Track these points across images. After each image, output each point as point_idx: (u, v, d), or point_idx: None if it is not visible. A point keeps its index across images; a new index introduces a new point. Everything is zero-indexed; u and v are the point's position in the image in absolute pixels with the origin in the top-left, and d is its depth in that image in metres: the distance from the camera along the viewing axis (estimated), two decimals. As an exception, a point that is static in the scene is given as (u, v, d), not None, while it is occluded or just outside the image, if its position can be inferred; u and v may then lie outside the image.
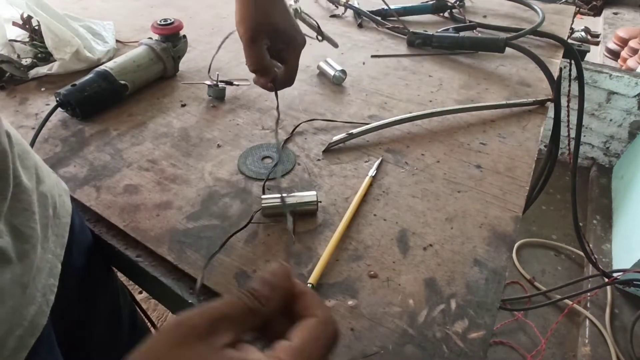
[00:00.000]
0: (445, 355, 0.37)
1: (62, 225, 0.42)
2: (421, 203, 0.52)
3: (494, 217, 0.50)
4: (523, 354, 1.36)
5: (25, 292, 0.35)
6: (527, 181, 0.55)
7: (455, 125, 0.66)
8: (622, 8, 2.74)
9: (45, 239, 0.39)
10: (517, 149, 0.61)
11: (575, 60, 0.83)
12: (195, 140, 0.61)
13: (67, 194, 0.46)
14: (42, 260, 0.38)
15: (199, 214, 0.50)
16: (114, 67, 0.66)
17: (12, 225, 0.34)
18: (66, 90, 0.62)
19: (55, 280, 0.40)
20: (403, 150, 0.60)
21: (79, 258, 0.46)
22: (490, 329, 0.39)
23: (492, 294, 0.42)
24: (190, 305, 0.41)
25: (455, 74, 0.80)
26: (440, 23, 1.01)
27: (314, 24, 0.81)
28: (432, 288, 0.42)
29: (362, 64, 0.83)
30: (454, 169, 0.57)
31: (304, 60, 0.85)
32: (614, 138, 2.03)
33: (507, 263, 0.45)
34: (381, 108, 0.69)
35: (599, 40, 2.44)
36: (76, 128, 0.63)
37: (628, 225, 1.59)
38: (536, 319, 1.46)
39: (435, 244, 0.47)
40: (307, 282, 0.41)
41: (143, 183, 0.54)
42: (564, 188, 1.98)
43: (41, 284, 0.37)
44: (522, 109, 0.69)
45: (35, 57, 0.76)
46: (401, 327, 0.39)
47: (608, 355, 1.29)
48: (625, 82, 1.86)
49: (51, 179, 0.43)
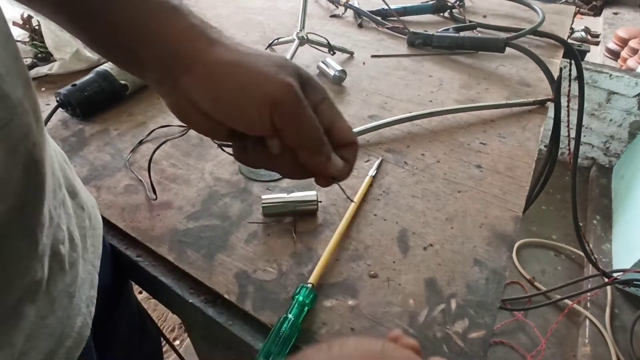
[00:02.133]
0: (446, 355, 0.37)
1: (96, 236, 0.42)
2: (421, 203, 0.52)
3: (494, 217, 0.50)
4: (523, 354, 1.36)
5: (72, 302, 0.34)
6: (527, 181, 0.55)
7: (456, 125, 0.66)
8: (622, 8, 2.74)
9: (85, 250, 0.38)
10: (517, 149, 0.61)
11: (575, 60, 0.83)
12: (196, 140, 0.61)
13: (96, 206, 0.45)
14: (85, 271, 0.37)
15: (199, 214, 0.50)
16: (114, 67, 0.66)
17: (69, 231, 0.34)
18: (66, 90, 0.63)
19: (94, 292, 0.39)
20: (403, 150, 0.60)
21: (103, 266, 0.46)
22: (490, 329, 0.39)
23: (492, 293, 0.42)
24: (191, 305, 0.41)
25: (455, 74, 0.80)
26: (440, 23, 1.01)
27: (324, 41, 0.81)
28: (432, 288, 0.42)
29: (362, 64, 0.83)
30: (454, 168, 0.57)
31: (304, 61, 0.86)
32: (614, 138, 2.03)
33: (507, 263, 0.45)
34: (381, 108, 0.69)
35: (599, 40, 2.44)
36: (76, 128, 0.63)
37: (628, 225, 1.59)
38: (536, 319, 1.46)
39: (435, 243, 0.47)
40: (308, 282, 0.41)
41: (143, 183, 0.54)
42: (564, 188, 1.98)
43: (85, 294, 0.37)
44: (522, 109, 0.69)
45: (36, 57, 0.76)
46: (401, 327, 0.39)
47: (608, 355, 1.29)
48: (625, 82, 1.86)
49: (84, 190, 0.42)
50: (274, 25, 0.97)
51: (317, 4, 1.11)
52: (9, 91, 0.23)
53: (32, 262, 0.29)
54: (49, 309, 0.31)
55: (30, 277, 0.29)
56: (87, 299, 0.37)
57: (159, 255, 0.45)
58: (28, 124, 0.25)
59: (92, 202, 0.44)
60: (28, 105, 0.25)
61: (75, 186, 0.39)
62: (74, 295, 0.34)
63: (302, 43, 0.79)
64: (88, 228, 0.40)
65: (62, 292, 0.33)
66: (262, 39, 0.89)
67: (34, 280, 0.29)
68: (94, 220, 0.42)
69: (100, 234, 0.43)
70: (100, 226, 0.44)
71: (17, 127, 0.24)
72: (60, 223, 0.32)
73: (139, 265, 0.45)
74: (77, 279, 0.35)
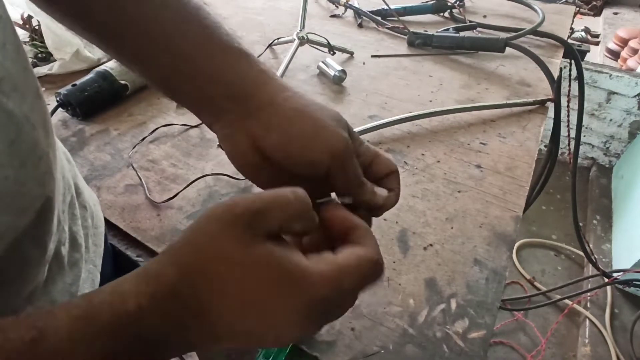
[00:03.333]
0: (446, 354, 0.37)
1: (98, 234, 0.42)
2: (421, 203, 0.52)
3: (494, 217, 0.50)
4: (523, 354, 1.36)
5: None
6: (527, 181, 0.55)
7: (456, 125, 0.66)
8: (622, 8, 2.74)
9: (87, 249, 0.38)
10: (517, 149, 0.61)
11: (575, 60, 0.83)
12: (196, 140, 0.61)
13: (98, 204, 0.45)
14: (86, 271, 0.37)
15: (199, 214, 0.49)
16: (115, 67, 0.66)
17: (71, 231, 0.34)
18: (66, 90, 0.63)
19: None
20: (403, 150, 0.60)
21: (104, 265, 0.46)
22: (490, 329, 0.39)
23: (492, 293, 0.42)
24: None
25: (455, 74, 0.80)
26: (441, 23, 1.01)
27: (324, 41, 0.81)
28: (432, 288, 0.42)
29: (362, 64, 0.83)
30: (454, 168, 0.57)
31: (304, 61, 0.86)
32: (614, 138, 2.03)
33: (507, 263, 0.45)
34: (381, 108, 0.69)
35: (599, 40, 2.44)
36: (76, 128, 0.63)
37: (628, 225, 1.59)
38: (536, 319, 1.46)
39: (435, 243, 0.47)
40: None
41: (143, 183, 0.54)
42: (564, 188, 1.98)
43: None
44: (522, 109, 0.69)
45: (36, 57, 0.76)
46: (401, 327, 0.39)
47: (608, 355, 1.30)
48: (625, 82, 1.86)
49: (87, 188, 0.42)
50: (274, 25, 0.97)
51: (317, 4, 1.11)
52: (14, 108, 0.23)
53: (40, 268, 0.29)
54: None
55: (37, 282, 0.29)
56: None
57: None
58: (35, 139, 0.25)
59: (94, 200, 0.44)
60: (36, 117, 0.26)
61: (78, 185, 0.39)
62: (75, 294, 0.34)
63: (302, 43, 0.79)
64: (90, 227, 0.40)
65: (63, 291, 0.33)
66: (262, 39, 0.89)
67: (37, 283, 0.29)
68: (96, 218, 0.42)
69: (102, 232, 0.43)
70: (102, 224, 0.44)
71: (25, 142, 0.24)
72: (64, 225, 0.32)
73: (139, 265, 0.45)
74: (79, 279, 0.35)
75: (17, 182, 0.24)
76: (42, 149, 0.26)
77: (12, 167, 0.23)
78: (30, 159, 0.25)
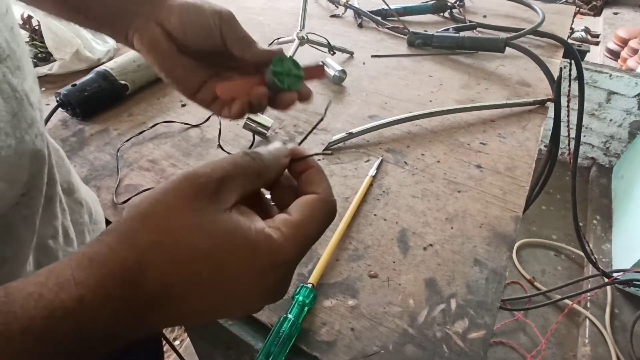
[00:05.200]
0: (446, 355, 0.37)
1: (97, 230, 0.42)
2: (421, 203, 0.52)
3: (494, 217, 0.50)
4: (523, 354, 1.36)
5: None
6: (527, 181, 0.55)
7: (455, 125, 0.66)
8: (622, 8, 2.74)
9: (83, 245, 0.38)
10: (517, 149, 0.61)
11: (575, 60, 0.83)
12: (196, 140, 0.61)
13: (98, 202, 0.45)
14: None
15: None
16: (114, 67, 0.66)
17: (63, 226, 0.35)
18: (66, 90, 0.63)
19: None
20: (403, 150, 0.60)
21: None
22: (490, 329, 0.39)
23: (492, 293, 0.42)
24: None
25: (455, 74, 0.80)
26: (441, 23, 1.01)
27: (324, 41, 0.81)
28: (432, 288, 0.42)
29: (362, 64, 0.83)
30: (454, 168, 0.57)
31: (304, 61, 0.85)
32: (614, 138, 2.03)
33: (507, 263, 0.45)
34: (381, 108, 0.69)
35: (599, 40, 2.44)
36: (76, 128, 0.63)
37: (628, 225, 1.59)
38: (536, 319, 1.46)
39: (435, 243, 0.47)
40: (308, 281, 0.41)
41: (143, 183, 0.54)
42: (564, 188, 1.98)
43: None
44: (522, 109, 0.69)
45: (36, 57, 0.75)
46: (401, 327, 0.39)
47: (608, 355, 1.29)
48: (625, 82, 1.86)
49: (83, 186, 0.43)
50: (274, 25, 0.97)
51: (317, 4, 1.11)
52: (18, 85, 0.25)
53: (29, 251, 0.30)
54: None
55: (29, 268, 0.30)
56: None
57: (159, 255, 0.45)
58: (33, 117, 0.27)
59: (92, 198, 0.44)
60: (34, 99, 0.27)
61: (72, 182, 0.39)
62: None
63: (302, 43, 0.79)
64: (87, 224, 0.40)
65: None
66: (262, 39, 0.89)
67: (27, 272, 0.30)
68: (95, 215, 0.42)
69: (102, 228, 0.43)
70: (102, 220, 0.44)
71: (24, 118, 0.26)
72: (51, 219, 0.33)
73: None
74: None
75: (16, 153, 0.25)
76: (39, 128, 0.28)
77: (14, 137, 0.24)
78: (28, 134, 0.26)
